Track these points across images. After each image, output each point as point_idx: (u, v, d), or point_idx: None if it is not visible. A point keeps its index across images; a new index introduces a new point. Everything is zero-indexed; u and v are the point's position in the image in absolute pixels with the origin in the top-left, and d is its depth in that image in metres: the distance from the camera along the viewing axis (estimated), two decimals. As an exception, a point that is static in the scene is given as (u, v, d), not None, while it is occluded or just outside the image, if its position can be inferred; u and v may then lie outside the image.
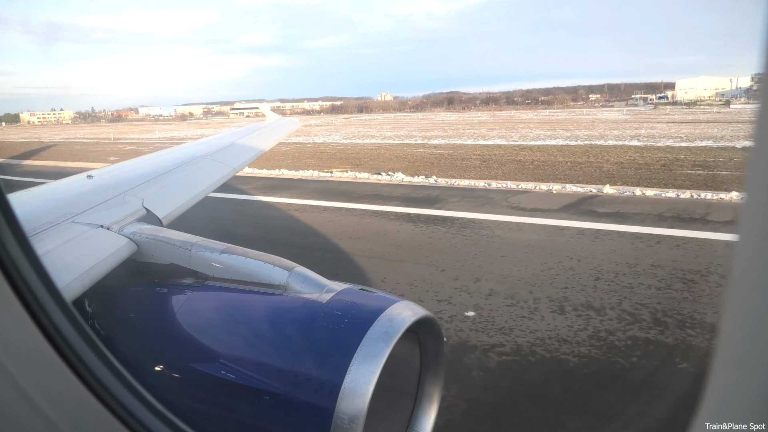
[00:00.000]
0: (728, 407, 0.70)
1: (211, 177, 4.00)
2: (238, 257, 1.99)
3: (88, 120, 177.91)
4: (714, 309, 6.08)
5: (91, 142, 48.59)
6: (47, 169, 25.02)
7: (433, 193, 14.48)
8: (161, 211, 2.83)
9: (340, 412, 1.47)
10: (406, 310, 1.68)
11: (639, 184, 14.62)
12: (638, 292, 6.65)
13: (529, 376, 4.91)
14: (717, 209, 11.05)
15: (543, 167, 19.12)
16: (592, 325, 5.81)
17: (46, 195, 2.95)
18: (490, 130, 43.36)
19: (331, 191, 15.37)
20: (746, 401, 0.67)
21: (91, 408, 1.08)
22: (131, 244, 2.19)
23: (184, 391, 1.79)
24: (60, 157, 32.23)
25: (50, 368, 1.03)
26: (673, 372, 4.93)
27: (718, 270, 7.28)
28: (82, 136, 61.48)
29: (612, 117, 62.28)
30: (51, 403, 1.02)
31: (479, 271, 7.72)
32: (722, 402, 0.71)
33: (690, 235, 9.11)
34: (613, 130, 37.89)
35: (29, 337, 1.01)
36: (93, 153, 34.71)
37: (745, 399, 0.67)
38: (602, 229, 9.85)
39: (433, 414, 1.91)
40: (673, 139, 28.84)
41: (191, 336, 1.86)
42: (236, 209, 13.07)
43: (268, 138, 6.58)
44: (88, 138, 55.61)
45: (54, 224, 2.26)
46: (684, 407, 3.89)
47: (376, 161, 22.87)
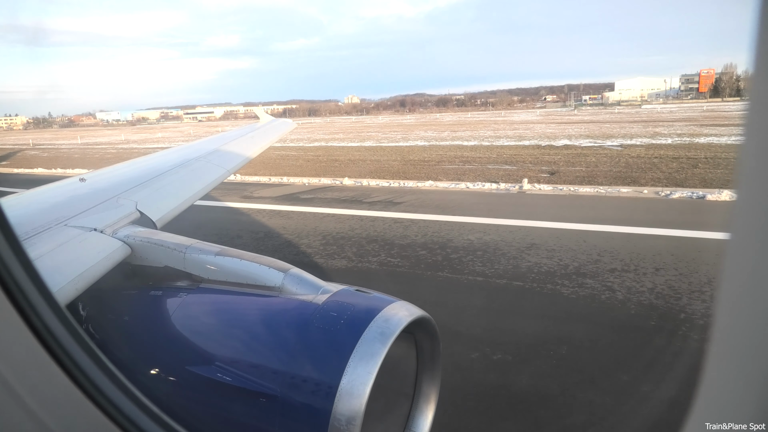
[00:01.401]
0: (726, 406, 0.70)
1: (204, 179, 3.99)
2: (233, 259, 1.98)
3: (40, 126, 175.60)
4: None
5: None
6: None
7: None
8: (155, 214, 2.81)
9: (337, 413, 1.47)
10: (402, 311, 1.68)
11: (384, 177, 17.66)
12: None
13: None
14: (406, 193, 14.36)
15: (345, 165, 22.26)
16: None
17: (38, 198, 2.93)
18: (392, 133, 47.17)
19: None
20: (746, 401, 0.67)
21: (87, 412, 1.07)
22: (125, 247, 2.17)
23: (180, 394, 1.78)
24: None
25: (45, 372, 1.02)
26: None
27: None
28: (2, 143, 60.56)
29: (521, 119, 67.24)
30: (46, 407, 1.01)
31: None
32: (720, 401, 0.71)
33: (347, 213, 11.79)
34: (485, 131, 42.56)
35: (23, 341, 1.00)
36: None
37: (745, 398, 0.67)
38: (284, 210, 12.50)
39: (430, 414, 1.91)
40: (507, 139, 33.48)
41: (187, 339, 1.85)
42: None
43: (261, 140, 6.58)
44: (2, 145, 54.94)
45: (47, 228, 2.24)
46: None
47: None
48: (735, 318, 0.67)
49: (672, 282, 6.67)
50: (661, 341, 5.29)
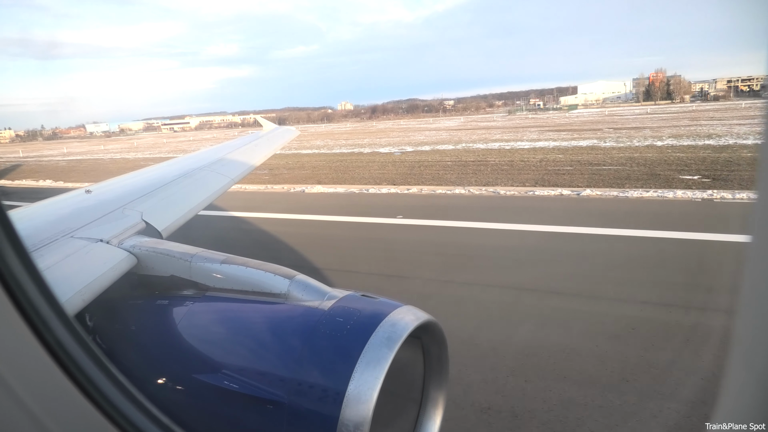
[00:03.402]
0: (727, 407, 0.69)
1: (209, 188, 4.01)
2: (239, 267, 1.99)
3: (26, 139, 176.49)
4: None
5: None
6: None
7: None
8: (160, 224, 2.83)
9: (345, 419, 1.46)
10: (409, 315, 1.68)
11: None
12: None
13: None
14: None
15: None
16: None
17: (45, 211, 2.95)
18: (314, 140, 50.74)
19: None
20: (746, 401, 0.67)
21: (97, 423, 1.07)
22: (131, 258, 2.18)
23: (188, 402, 1.78)
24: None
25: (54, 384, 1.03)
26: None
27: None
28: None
29: (445, 125, 70.84)
30: (56, 419, 1.02)
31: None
32: (720, 401, 0.70)
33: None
34: (378, 139, 46.09)
35: (32, 353, 1.01)
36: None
37: (745, 398, 0.67)
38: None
39: (438, 419, 1.90)
40: (377, 146, 36.94)
41: (193, 347, 1.85)
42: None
43: (265, 148, 6.62)
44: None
45: (53, 240, 2.25)
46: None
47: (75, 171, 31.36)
48: (756, 321, 0.65)
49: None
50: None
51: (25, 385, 0.98)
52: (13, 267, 1.01)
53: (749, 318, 0.66)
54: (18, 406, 0.97)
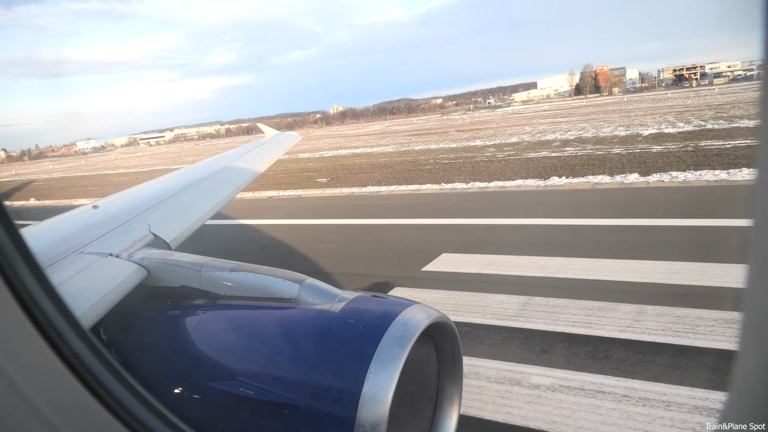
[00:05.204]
0: (727, 407, 0.69)
1: (215, 197, 4.03)
2: (248, 274, 2.00)
3: (14, 160, 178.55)
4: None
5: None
6: None
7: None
8: (168, 235, 2.85)
9: (362, 420, 1.47)
10: (420, 314, 1.68)
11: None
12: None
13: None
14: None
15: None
16: None
17: (54, 228, 2.98)
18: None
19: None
20: (746, 401, 0.66)
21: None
22: (141, 270, 2.20)
23: (206, 410, 1.80)
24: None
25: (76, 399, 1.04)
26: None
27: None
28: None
29: (354, 132, 75.43)
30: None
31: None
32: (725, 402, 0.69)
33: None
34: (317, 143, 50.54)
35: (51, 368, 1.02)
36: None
37: (745, 399, 0.66)
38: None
39: (455, 416, 1.90)
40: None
41: (207, 356, 1.86)
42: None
43: (268, 154, 6.64)
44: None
45: (64, 256, 2.27)
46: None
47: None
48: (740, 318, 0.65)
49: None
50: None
51: (48, 402, 1.00)
52: (28, 284, 1.02)
53: (751, 318, 0.65)
54: (41, 421, 0.98)
